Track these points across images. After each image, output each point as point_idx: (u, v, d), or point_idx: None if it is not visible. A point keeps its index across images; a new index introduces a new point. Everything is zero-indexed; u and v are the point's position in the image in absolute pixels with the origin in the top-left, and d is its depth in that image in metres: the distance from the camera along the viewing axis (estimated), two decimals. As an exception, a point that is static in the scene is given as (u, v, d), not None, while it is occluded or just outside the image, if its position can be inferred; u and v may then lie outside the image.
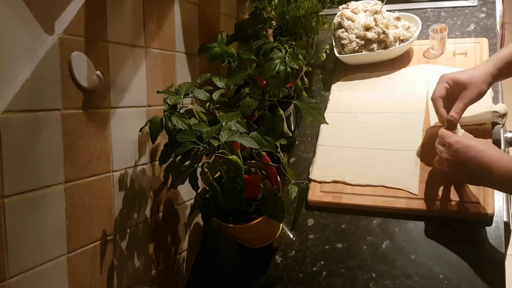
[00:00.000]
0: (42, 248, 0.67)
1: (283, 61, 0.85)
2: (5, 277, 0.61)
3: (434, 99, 0.95)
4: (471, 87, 0.91)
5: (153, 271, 0.93)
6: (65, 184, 0.70)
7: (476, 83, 0.91)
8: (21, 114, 0.62)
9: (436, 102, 0.94)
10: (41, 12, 0.65)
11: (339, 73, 1.29)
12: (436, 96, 0.94)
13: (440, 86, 0.95)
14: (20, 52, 0.62)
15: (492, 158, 0.79)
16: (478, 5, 1.31)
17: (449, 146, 0.85)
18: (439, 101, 0.94)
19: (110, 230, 0.81)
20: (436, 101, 0.95)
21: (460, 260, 0.85)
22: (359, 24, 1.22)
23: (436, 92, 0.95)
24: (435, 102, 0.95)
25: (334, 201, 1.01)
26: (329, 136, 1.14)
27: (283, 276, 0.94)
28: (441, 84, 0.95)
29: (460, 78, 0.92)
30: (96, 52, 0.75)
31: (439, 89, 0.95)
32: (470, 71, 0.94)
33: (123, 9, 0.82)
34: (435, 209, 0.92)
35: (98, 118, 0.77)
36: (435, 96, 0.95)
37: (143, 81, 0.89)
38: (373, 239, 0.94)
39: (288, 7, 1.17)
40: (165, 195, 0.97)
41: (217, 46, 1.03)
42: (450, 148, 0.85)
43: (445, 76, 0.95)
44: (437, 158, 0.92)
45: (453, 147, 0.84)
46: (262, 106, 0.90)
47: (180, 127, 0.78)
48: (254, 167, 0.87)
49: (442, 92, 0.94)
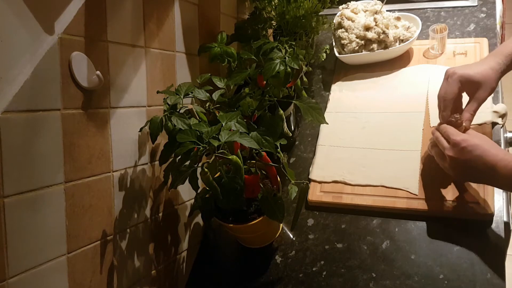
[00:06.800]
0: (42, 248, 0.67)
1: (283, 61, 0.85)
2: (5, 277, 0.61)
3: (446, 99, 0.88)
4: (485, 87, 0.87)
5: (153, 271, 0.93)
6: (65, 184, 0.70)
7: (489, 82, 0.87)
8: (21, 114, 0.62)
9: (447, 104, 0.88)
10: (41, 12, 0.65)
11: (339, 73, 1.29)
12: (450, 98, 0.88)
13: (452, 85, 0.88)
14: (20, 52, 0.62)
15: (497, 157, 0.79)
16: (478, 5, 1.31)
17: (455, 144, 0.83)
18: (450, 103, 0.88)
19: (110, 230, 0.81)
20: (447, 102, 0.88)
21: (460, 260, 0.85)
22: (359, 24, 1.22)
23: (448, 93, 0.88)
24: (446, 104, 0.88)
25: (334, 201, 1.01)
26: (329, 136, 1.14)
27: (283, 276, 0.94)
28: (454, 84, 0.88)
29: (475, 78, 0.87)
30: (96, 52, 0.75)
31: (451, 90, 0.88)
32: (479, 67, 0.88)
33: (123, 9, 0.82)
34: (435, 209, 0.92)
35: (98, 118, 0.77)
36: (448, 97, 0.88)
37: (143, 81, 0.89)
38: (373, 239, 0.94)
39: (288, 7, 1.17)
40: (165, 195, 0.97)
41: (217, 46, 1.03)
42: (456, 146, 0.83)
43: (456, 73, 0.88)
44: (440, 154, 0.89)
45: (459, 145, 0.82)
46: (262, 106, 0.90)
47: (180, 127, 0.78)
48: (254, 167, 0.87)
49: (455, 93, 0.87)
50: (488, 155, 0.80)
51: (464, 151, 0.82)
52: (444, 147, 0.86)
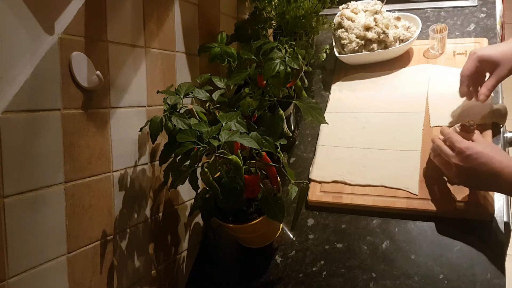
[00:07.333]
0: (42, 248, 0.67)
1: (283, 61, 0.85)
2: (5, 277, 0.61)
3: (462, 75, 0.98)
4: (503, 64, 0.92)
5: (153, 271, 0.93)
6: (65, 184, 0.70)
7: (509, 61, 0.92)
8: (21, 114, 0.62)
9: (463, 79, 0.98)
10: (41, 12, 0.65)
11: (339, 73, 1.29)
12: (465, 74, 0.97)
13: (469, 63, 0.97)
14: (20, 52, 0.62)
15: (502, 164, 0.79)
16: (478, 5, 1.31)
17: (460, 152, 0.84)
18: (466, 79, 0.97)
19: (110, 230, 0.81)
20: (462, 78, 0.98)
21: (460, 260, 0.85)
22: (359, 24, 1.22)
23: (465, 70, 0.97)
24: (462, 79, 0.98)
25: (334, 201, 1.01)
26: (329, 136, 1.14)
27: (283, 276, 0.94)
28: (471, 62, 0.96)
29: (493, 56, 0.93)
30: (96, 52, 0.75)
31: (468, 67, 0.96)
32: (500, 47, 0.94)
33: (123, 9, 0.82)
34: (435, 209, 0.92)
35: (98, 118, 0.77)
36: (464, 73, 0.97)
37: (143, 81, 0.89)
38: (373, 239, 0.94)
39: (288, 7, 1.17)
40: (165, 195, 0.97)
41: (217, 46, 1.03)
42: (461, 154, 0.83)
43: (476, 53, 0.96)
44: (444, 163, 0.90)
45: (464, 153, 0.83)
46: (262, 106, 0.90)
47: (180, 127, 0.78)
48: (254, 167, 0.87)
49: (471, 70, 0.96)
50: (493, 161, 0.80)
51: (469, 159, 0.82)
52: (448, 155, 0.87)
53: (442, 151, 0.89)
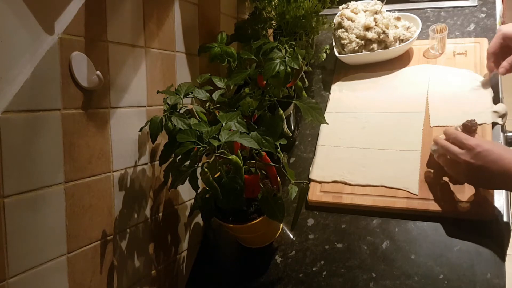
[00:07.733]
0: (42, 248, 0.67)
1: (283, 61, 0.85)
2: (5, 277, 0.61)
3: (488, 52, 1.04)
4: None
5: (153, 271, 0.93)
6: (65, 184, 0.70)
7: None
8: (21, 114, 0.62)
9: (489, 56, 1.04)
10: (41, 12, 0.65)
11: (339, 73, 1.29)
12: (490, 51, 1.03)
13: (494, 40, 1.02)
14: (20, 52, 0.62)
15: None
16: (478, 5, 1.31)
17: (470, 149, 0.83)
18: (491, 55, 1.03)
19: (110, 230, 0.81)
20: (488, 55, 1.04)
21: (460, 260, 0.85)
22: (359, 24, 1.22)
23: (490, 47, 1.03)
24: (488, 56, 1.04)
25: (334, 201, 1.01)
26: (329, 136, 1.14)
27: (283, 276, 0.94)
28: (496, 39, 1.02)
29: None
30: (96, 52, 0.75)
31: (494, 43, 1.02)
32: None
33: (123, 9, 0.82)
34: (435, 209, 0.92)
35: (98, 118, 0.77)
36: (489, 50, 1.03)
37: (143, 81, 0.89)
38: (373, 239, 0.94)
39: (288, 7, 1.17)
40: (165, 195, 0.97)
41: (217, 46, 1.03)
42: (472, 151, 0.82)
43: (500, 30, 1.01)
44: (450, 162, 0.89)
45: (475, 149, 0.82)
46: (262, 106, 0.90)
47: (180, 127, 0.78)
48: (254, 167, 0.87)
49: (496, 46, 1.02)
50: (503, 159, 0.80)
51: (480, 156, 0.82)
52: (457, 152, 0.85)
53: (449, 150, 0.87)
